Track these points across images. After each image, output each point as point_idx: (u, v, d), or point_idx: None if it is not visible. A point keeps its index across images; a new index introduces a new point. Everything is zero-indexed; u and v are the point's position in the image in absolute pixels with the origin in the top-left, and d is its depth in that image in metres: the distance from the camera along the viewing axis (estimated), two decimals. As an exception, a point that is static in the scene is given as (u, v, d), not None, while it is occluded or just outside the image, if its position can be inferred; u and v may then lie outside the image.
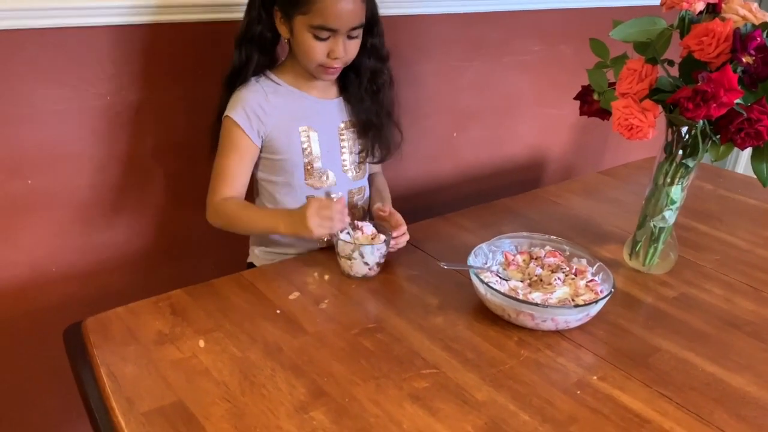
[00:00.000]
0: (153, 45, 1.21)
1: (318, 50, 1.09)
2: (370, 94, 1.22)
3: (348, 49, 1.11)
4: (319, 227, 1.04)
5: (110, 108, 1.20)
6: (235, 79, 1.16)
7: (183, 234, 1.39)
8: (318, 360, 0.88)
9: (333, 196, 1.21)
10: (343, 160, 1.23)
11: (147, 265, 1.36)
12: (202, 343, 0.90)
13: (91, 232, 1.27)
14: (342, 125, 1.23)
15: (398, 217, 1.16)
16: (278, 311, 0.98)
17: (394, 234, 1.12)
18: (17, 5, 1.04)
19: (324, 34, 1.08)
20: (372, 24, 1.17)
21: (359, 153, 1.25)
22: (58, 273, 1.26)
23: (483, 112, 1.84)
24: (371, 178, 1.33)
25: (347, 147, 1.23)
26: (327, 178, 1.21)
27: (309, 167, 1.20)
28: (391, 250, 1.12)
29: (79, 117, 1.17)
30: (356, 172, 1.26)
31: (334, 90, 1.23)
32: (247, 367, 0.86)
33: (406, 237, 1.15)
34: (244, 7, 1.15)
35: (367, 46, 1.18)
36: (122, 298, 1.01)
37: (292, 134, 1.17)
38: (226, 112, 1.15)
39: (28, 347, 1.28)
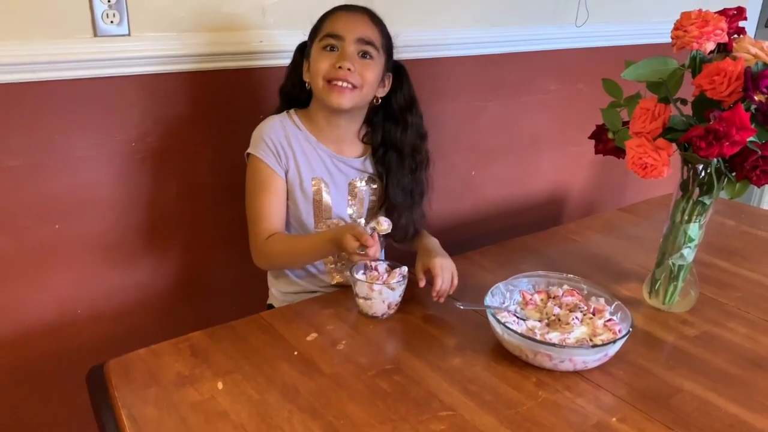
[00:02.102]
0: (177, 93, 1.25)
1: (325, 61, 1.11)
2: (409, 172, 1.22)
3: (358, 65, 1.10)
4: (354, 252, 1.02)
5: (135, 154, 1.24)
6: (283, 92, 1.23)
7: (205, 276, 1.42)
8: (335, 402, 0.88)
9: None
10: (351, 213, 1.24)
11: (170, 307, 1.39)
12: (220, 385, 0.91)
13: (116, 275, 1.30)
14: (357, 179, 1.23)
15: (434, 268, 1.12)
16: (296, 353, 0.99)
17: (433, 293, 1.11)
18: (50, 58, 1.10)
19: (332, 45, 1.11)
20: (411, 103, 1.21)
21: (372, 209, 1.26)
22: (84, 315, 1.28)
23: (503, 151, 1.85)
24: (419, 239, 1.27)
25: (358, 200, 1.23)
26: (334, 226, 1.22)
27: (318, 214, 1.21)
28: (439, 301, 1.12)
29: (106, 163, 1.21)
30: (363, 225, 1.25)
31: (355, 152, 1.23)
32: (264, 410, 0.86)
33: (445, 287, 1.11)
34: (260, 56, 1.21)
35: (409, 122, 1.21)
36: (146, 338, 1.03)
37: (305, 182, 1.18)
38: (250, 150, 1.16)
39: (54, 388, 1.30)
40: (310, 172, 1.18)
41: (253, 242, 1.16)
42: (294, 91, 1.21)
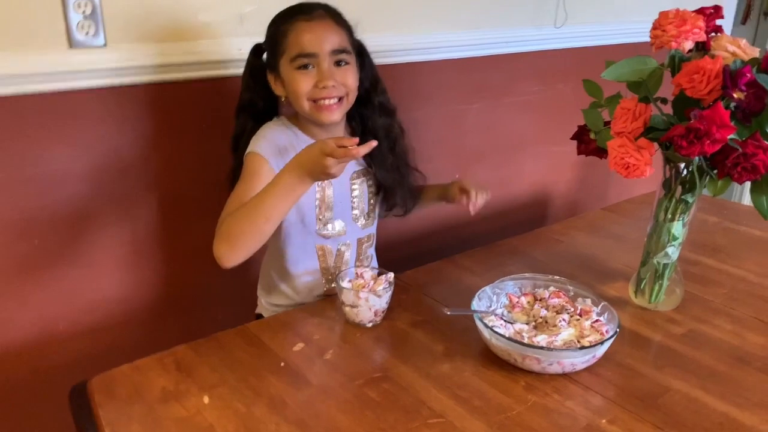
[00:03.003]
0: (156, 103, 1.24)
1: (304, 82, 1.07)
2: (389, 151, 1.23)
3: (337, 76, 1.08)
4: (340, 171, 0.96)
5: (115, 166, 1.23)
6: (236, 146, 1.17)
7: (190, 287, 1.40)
8: (323, 413, 0.87)
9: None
10: (354, 209, 1.23)
11: (155, 320, 1.37)
12: (206, 400, 0.89)
13: (98, 289, 1.28)
14: (354, 174, 1.22)
15: (465, 185, 1.23)
16: (283, 364, 0.98)
17: (470, 207, 1.22)
18: (24, 71, 1.08)
19: (306, 64, 1.07)
20: (375, 83, 1.20)
21: (372, 208, 1.25)
22: (66, 331, 1.26)
23: (487, 153, 1.85)
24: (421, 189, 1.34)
25: (358, 196, 1.23)
26: (336, 228, 1.21)
27: (321, 217, 1.19)
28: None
29: (84, 176, 1.20)
30: (366, 220, 1.25)
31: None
32: (251, 423, 0.85)
33: (482, 198, 1.22)
34: (239, 63, 1.19)
35: (375, 104, 1.19)
36: (132, 352, 1.01)
37: None
38: (250, 149, 1.11)
39: (36, 407, 1.27)
40: None
41: (217, 229, 1.04)
42: (261, 103, 1.16)
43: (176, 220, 1.33)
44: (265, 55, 1.16)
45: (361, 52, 1.18)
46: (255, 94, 1.16)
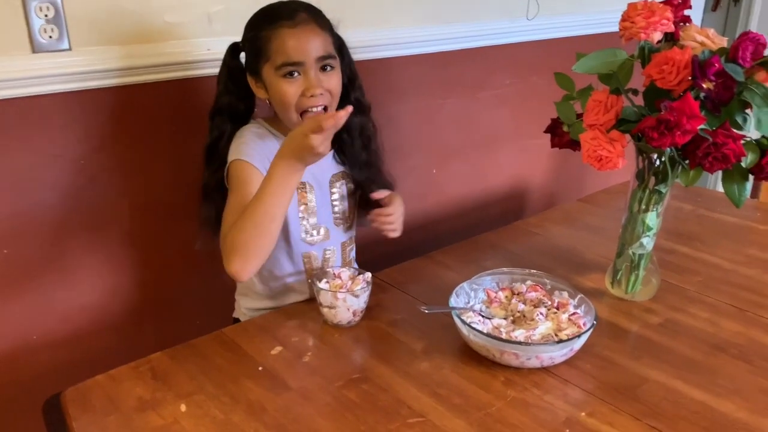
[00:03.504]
0: (124, 107, 1.22)
1: (291, 92, 1.05)
2: (363, 148, 1.21)
3: (326, 85, 1.07)
4: (326, 147, 0.93)
5: (83, 172, 1.20)
6: (212, 154, 1.13)
7: (166, 293, 1.38)
8: (302, 417, 0.87)
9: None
10: (335, 213, 1.22)
11: (131, 327, 1.35)
12: (183, 408, 0.88)
13: (70, 298, 1.26)
14: (333, 178, 1.21)
15: (393, 201, 1.19)
16: (261, 368, 0.97)
17: (376, 211, 1.16)
18: (-15, 78, 1.05)
19: (292, 72, 1.04)
20: (353, 79, 1.17)
21: (351, 210, 1.24)
22: (40, 341, 1.24)
23: (463, 148, 1.85)
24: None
25: (338, 199, 1.21)
26: (320, 233, 1.20)
27: (305, 223, 1.17)
28: (375, 225, 1.18)
29: (53, 183, 1.17)
30: (347, 224, 1.24)
31: None
32: (230, 430, 0.84)
33: (390, 223, 1.17)
34: (208, 64, 1.17)
35: (352, 100, 1.16)
36: (108, 361, 1.00)
37: None
38: (233, 157, 1.08)
39: (11, 421, 1.25)
40: None
41: (221, 243, 1.01)
42: (242, 106, 1.14)
43: (149, 224, 1.31)
44: (242, 55, 1.13)
45: (341, 47, 1.15)
46: (235, 97, 1.13)
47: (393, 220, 1.19)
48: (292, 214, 1.15)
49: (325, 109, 1.09)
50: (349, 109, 0.93)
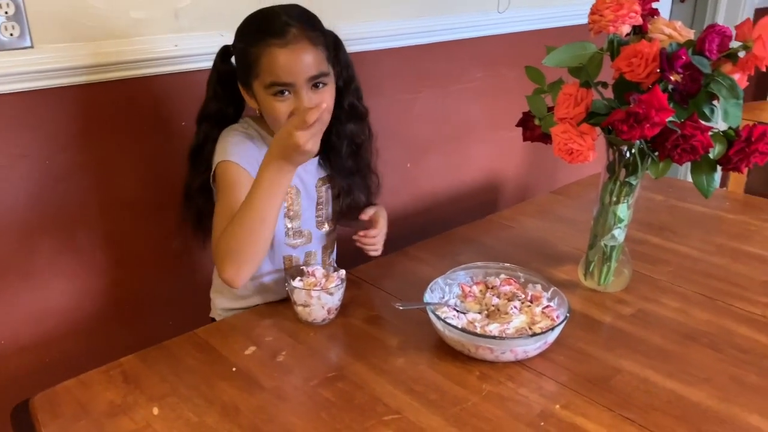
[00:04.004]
0: (90, 105, 1.19)
1: (282, 110, 1.01)
2: (351, 156, 1.18)
3: (316, 101, 0.99)
4: (314, 144, 0.91)
5: (50, 172, 1.18)
6: (197, 157, 1.11)
7: (138, 294, 1.36)
8: (277, 417, 0.86)
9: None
10: (318, 217, 1.20)
11: (103, 330, 1.33)
12: (156, 411, 0.87)
13: (38, 300, 1.23)
14: (318, 182, 1.19)
15: (378, 222, 1.19)
16: (234, 369, 0.96)
17: (360, 232, 1.16)
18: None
19: (281, 91, 1.01)
20: (348, 82, 1.13)
21: (338, 210, 1.22)
22: (7, 346, 1.21)
23: (436, 141, 1.85)
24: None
25: (323, 203, 1.20)
26: (302, 236, 1.19)
27: (289, 225, 1.16)
28: (358, 242, 1.18)
29: (19, 184, 1.15)
30: (329, 227, 1.23)
31: None
32: (204, 432, 0.83)
33: (373, 240, 1.17)
34: (175, 60, 1.15)
35: (345, 106, 1.13)
36: (80, 365, 0.98)
37: None
38: (220, 158, 1.05)
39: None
40: None
41: (214, 250, 0.99)
42: (229, 109, 1.11)
43: (119, 224, 1.29)
44: (233, 59, 1.09)
45: (336, 48, 1.11)
46: (224, 103, 1.10)
47: (376, 242, 1.19)
48: (279, 219, 1.13)
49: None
50: (323, 105, 0.90)
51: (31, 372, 1.24)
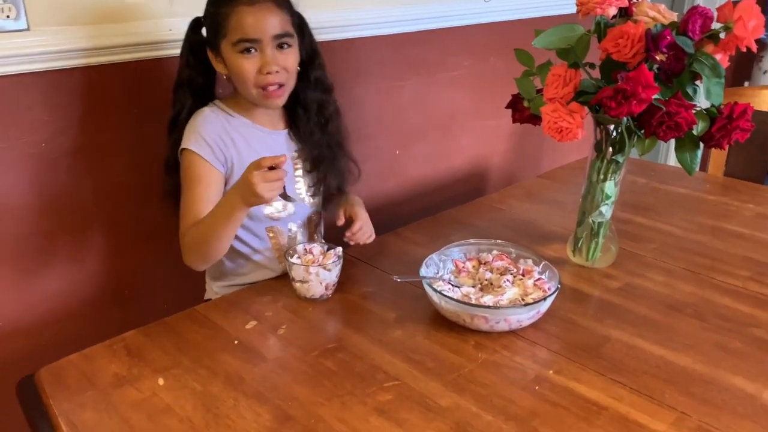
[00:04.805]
0: (86, 88, 1.20)
1: (248, 67, 1.08)
2: (319, 127, 1.22)
3: (282, 62, 1.09)
4: (268, 191, 0.97)
5: (46, 155, 1.19)
6: (174, 127, 1.15)
7: (133, 276, 1.37)
8: (281, 385, 0.88)
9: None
10: (298, 188, 1.23)
11: (98, 312, 1.34)
12: (161, 382, 0.89)
13: (36, 283, 1.24)
14: (294, 154, 1.23)
15: (356, 214, 1.21)
16: (236, 342, 0.98)
17: (347, 233, 1.18)
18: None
19: (249, 49, 1.07)
20: (312, 56, 1.19)
21: (314, 186, 1.25)
22: (6, 329, 1.22)
23: (425, 128, 1.88)
24: (333, 198, 1.31)
25: (301, 175, 1.23)
26: (285, 208, 1.21)
27: None
28: (350, 242, 1.19)
29: (14, 166, 1.15)
30: (312, 199, 1.26)
31: (282, 122, 1.23)
32: (209, 400, 0.85)
33: (362, 233, 1.19)
34: (170, 44, 1.17)
35: (311, 78, 1.19)
36: (76, 346, 0.98)
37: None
38: (184, 145, 1.11)
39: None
40: (255, 155, 1.13)
41: (181, 239, 1.11)
42: (201, 80, 1.16)
43: (114, 208, 1.30)
44: (204, 30, 1.14)
45: (300, 25, 1.17)
46: (195, 71, 1.15)
47: (364, 232, 1.21)
48: None
49: (281, 86, 1.12)
50: (283, 159, 0.97)
51: (30, 355, 1.25)
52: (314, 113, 1.22)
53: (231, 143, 1.14)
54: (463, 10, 1.81)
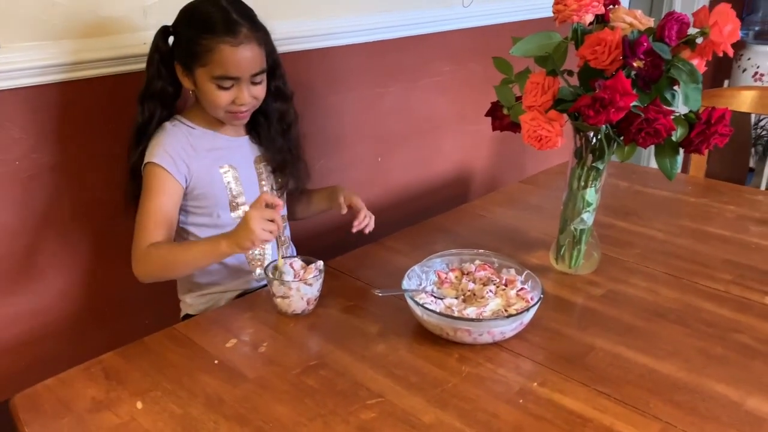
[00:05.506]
0: (59, 104, 1.18)
1: (223, 99, 1.11)
2: (280, 134, 1.25)
3: (254, 94, 1.13)
4: (263, 232, 0.99)
5: (20, 172, 1.17)
6: (142, 136, 1.15)
7: (113, 293, 1.35)
8: (261, 406, 0.87)
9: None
10: (263, 192, 1.25)
11: (78, 330, 1.32)
12: (139, 405, 0.87)
13: (13, 303, 1.22)
14: (256, 159, 1.25)
15: (354, 202, 1.26)
16: (216, 361, 0.96)
17: (355, 223, 1.21)
18: None
19: (227, 83, 1.09)
20: (274, 67, 1.19)
21: (279, 189, 1.27)
22: (-18, 350, 1.20)
23: (406, 135, 1.87)
24: (294, 195, 1.34)
25: (266, 179, 1.26)
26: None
27: (234, 203, 1.21)
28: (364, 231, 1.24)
29: (-12, 186, 1.13)
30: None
31: (242, 128, 1.25)
32: (189, 423, 0.84)
33: (368, 220, 1.24)
34: (144, 58, 1.15)
35: (272, 89, 1.20)
36: (57, 366, 0.97)
37: (214, 175, 1.18)
38: (148, 159, 1.13)
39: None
40: (217, 162, 1.19)
41: (135, 249, 1.10)
42: (172, 90, 1.16)
43: (91, 224, 1.28)
44: (171, 39, 1.14)
45: (266, 35, 1.16)
46: (165, 82, 1.14)
47: (370, 218, 1.26)
48: (221, 198, 1.19)
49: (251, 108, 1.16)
50: (281, 203, 1.04)
51: (6, 376, 1.23)
52: (275, 121, 1.24)
53: (193, 153, 1.16)
54: (442, 15, 1.80)
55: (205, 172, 1.17)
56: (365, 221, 1.24)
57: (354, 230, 1.23)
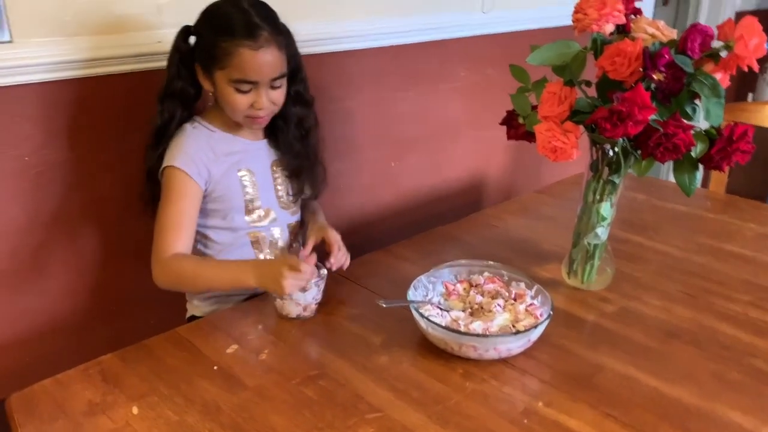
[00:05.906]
0: (71, 101, 1.17)
1: (241, 103, 1.09)
2: (298, 139, 1.23)
3: (273, 99, 1.12)
4: (293, 287, 1.01)
5: (30, 169, 1.16)
6: (161, 137, 1.14)
7: (118, 292, 1.34)
8: (259, 416, 0.85)
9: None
10: (280, 197, 1.24)
11: (83, 329, 1.31)
12: (135, 410, 0.86)
13: (18, 300, 1.21)
14: (273, 164, 1.24)
15: (332, 238, 1.17)
16: (216, 367, 0.95)
17: (331, 259, 1.14)
18: None
19: (245, 87, 1.08)
20: (296, 71, 1.17)
21: (295, 194, 1.26)
22: (-14, 345, 1.19)
23: (421, 141, 1.85)
24: (304, 204, 1.33)
25: (281, 183, 1.24)
26: (267, 215, 1.21)
27: (250, 207, 1.19)
28: (333, 270, 1.15)
29: (-4, 181, 1.13)
30: (293, 207, 1.27)
31: (261, 131, 1.23)
32: (184, 431, 0.82)
33: (344, 257, 1.17)
34: (159, 57, 1.14)
35: (292, 93, 1.18)
36: (59, 365, 0.96)
37: (232, 179, 1.17)
38: (168, 163, 1.11)
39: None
40: (236, 166, 1.18)
41: (157, 255, 1.09)
42: (192, 90, 1.15)
43: (99, 222, 1.27)
44: (192, 39, 1.13)
45: (288, 45, 1.14)
46: (186, 82, 1.13)
47: (343, 254, 1.18)
48: (238, 202, 1.18)
49: (270, 112, 1.14)
50: (324, 272, 1.08)
51: (9, 373, 1.22)
52: (294, 126, 1.22)
53: (214, 157, 1.14)
54: (461, 21, 1.78)
55: (224, 176, 1.16)
56: (339, 256, 1.16)
57: (328, 267, 1.15)
